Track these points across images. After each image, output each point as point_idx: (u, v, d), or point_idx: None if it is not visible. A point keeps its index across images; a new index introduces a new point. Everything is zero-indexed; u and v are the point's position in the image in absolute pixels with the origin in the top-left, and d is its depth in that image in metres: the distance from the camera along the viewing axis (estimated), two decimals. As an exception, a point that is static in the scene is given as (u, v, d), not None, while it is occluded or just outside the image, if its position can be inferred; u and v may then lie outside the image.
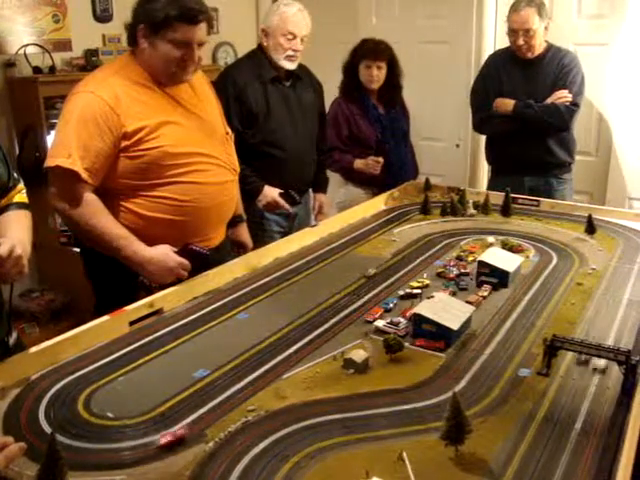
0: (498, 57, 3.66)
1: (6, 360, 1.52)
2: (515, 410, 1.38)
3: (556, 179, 3.55)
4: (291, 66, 3.05)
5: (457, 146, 4.67)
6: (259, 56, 3.06)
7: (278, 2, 3.08)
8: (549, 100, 3.37)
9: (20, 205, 1.85)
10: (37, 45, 4.11)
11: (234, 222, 2.55)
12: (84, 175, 2.02)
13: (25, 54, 4.05)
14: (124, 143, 2.08)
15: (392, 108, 3.60)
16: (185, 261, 2.05)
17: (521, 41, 3.38)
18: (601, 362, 1.54)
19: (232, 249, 2.58)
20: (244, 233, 2.58)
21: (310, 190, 3.36)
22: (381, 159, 3.44)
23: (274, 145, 3.00)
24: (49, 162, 2.06)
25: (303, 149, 3.17)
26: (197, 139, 2.21)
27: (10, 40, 4.06)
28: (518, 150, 3.46)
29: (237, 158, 2.42)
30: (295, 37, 2.98)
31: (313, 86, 3.26)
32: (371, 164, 3.45)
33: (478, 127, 3.73)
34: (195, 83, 2.30)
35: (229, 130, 2.46)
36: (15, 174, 1.86)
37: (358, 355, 1.56)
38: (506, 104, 3.44)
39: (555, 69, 3.43)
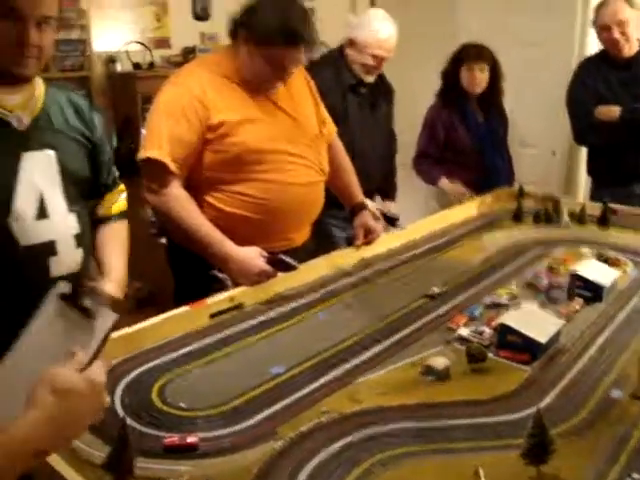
0: (591, 63, 3.48)
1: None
2: (605, 433, 1.29)
3: None
4: (371, 79, 3.01)
5: (553, 153, 4.51)
6: (340, 61, 3.01)
7: (371, 15, 3.01)
8: None
9: (119, 216, 1.91)
10: (138, 42, 4.24)
11: (356, 210, 2.49)
12: (172, 167, 2.04)
13: (127, 51, 4.18)
14: (209, 135, 2.08)
15: (491, 115, 3.50)
16: (270, 269, 2.02)
17: (617, 34, 3.20)
18: (703, 387, 1.43)
19: (350, 240, 2.51)
20: (369, 219, 2.47)
21: (378, 197, 3.29)
22: (467, 192, 3.32)
23: (348, 150, 2.95)
24: (141, 154, 2.09)
25: (376, 155, 3.13)
26: (284, 137, 2.18)
27: (114, 37, 4.20)
28: (628, 158, 3.27)
29: None
30: (383, 59, 2.94)
31: (386, 92, 3.21)
32: (457, 194, 3.33)
33: (581, 138, 3.54)
34: (291, 80, 2.25)
35: (328, 128, 2.44)
36: (116, 174, 1.91)
37: (438, 362, 1.51)
38: (611, 111, 3.26)
39: None
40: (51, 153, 1.69)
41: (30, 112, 1.67)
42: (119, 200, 1.94)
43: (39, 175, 1.66)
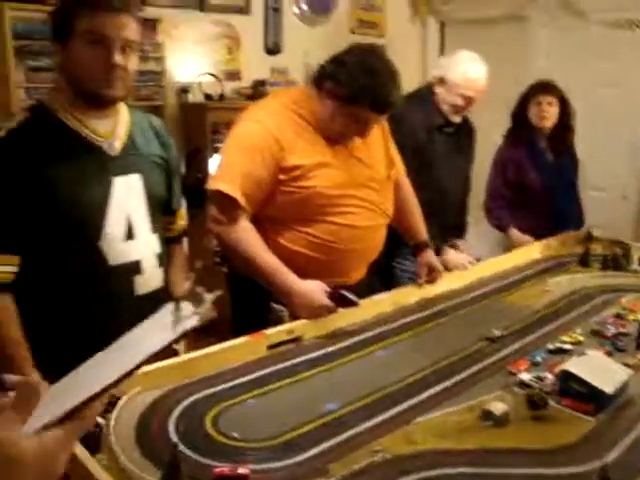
0: None
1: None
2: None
3: None
4: (457, 119, 3.00)
5: (624, 197, 4.39)
6: (429, 100, 2.99)
7: (462, 55, 2.97)
8: None
9: (184, 234, 2.15)
10: (211, 74, 4.35)
11: (420, 247, 2.47)
12: (242, 202, 2.06)
13: (199, 82, 4.30)
14: (281, 176, 2.09)
15: (562, 154, 3.43)
16: (331, 305, 2.02)
17: None
18: None
19: (414, 277, 2.48)
20: (432, 257, 2.45)
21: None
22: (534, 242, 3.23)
23: (433, 189, 2.92)
24: (211, 185, 2.12)
25: (457, 194, 3.11)
26: (353, 183, 2.18)
27: (188, 69, 4.33)
28: None
29: None
30: (472, 100, 2.93)
31: (469, 131, 3.19)
32: (525, 244, 3.21)
33: None
34: None
35: (396, 168, 2.44)
36: (181, 197, 2.06)
37: (497, 407, 1.46)
38: None
39: None
40: (138, 177, 1.83)
41: (119, 138, 1.81)
42: (184, 219, 2.13)
43: (128, 199, 1.80)
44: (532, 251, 2.91)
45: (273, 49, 4.69)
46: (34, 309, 1.74)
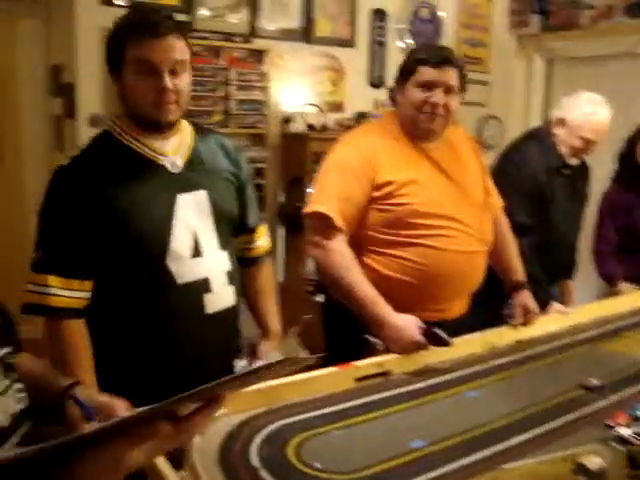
0: None
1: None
2: None
3: None
4: (575, 162, 2.93)
5: None
6: (547, 141, 2.91)
7: (585, 97, 2.88)
8: None
9: (268, 255, 2.14)
10: (314, 105, 4.42)
11: (517, 288, 2.41)
12: (339, 222, 2.09)
13: (302, 112, 4.38)
14: (375, 194, 2.12)
15: None
16: (423, 341, 1.99)
17: None
18: None
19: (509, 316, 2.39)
20: (528, 298, 2.38)
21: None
22: None
23: (548, 231, 2.85)
24: (308, 208, 2.17)
25: (572, 235, 3.03)
26: (447, 202, 2.17)
27: (291, 99, 4.42)
28: None
29: None
30: (593, 143, 2.85)
31: (586, 172, 3.10)
32: None
33: None
34: (458, 145, 2.30)
35: (495, 201, 2.42)
36: (259, 214, 2.08)
37: (593, 462, 1.39)
38: None
39: None
40: (203, 193, 1.81)
41: (182, 155, 1.82)
42: (265, 239, 2.12)
43: (193, 215, 1.79)
44: (637, 299, 2.78)
45: (377, 82, 4.73)
46: (103, 331, 1.75)
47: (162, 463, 1.21)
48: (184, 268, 1.75)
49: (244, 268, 2.03)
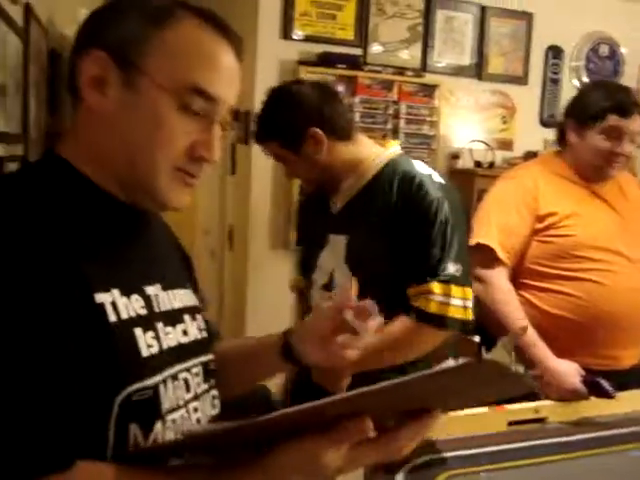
0: None
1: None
2: None
3: None
4: None
5: None
6: None
7: None
8: None
9: (431, 319, 1.75)
10: (482, 142, 4.37)
11: None
12: (501, 254, 2.06)
13: (470, 149, 4.34)
14: (537, 225, 2.08)
15: None
16: (583, 391, 1.89)
17: None
18: None
19: None
20: None
21: None
22: None
23: None
24: (469, 241, 2.14)
25: None
26: (614, 237, 2.09)
27: (460, 135, 4.40)
28: None
29: None
30: None
31: None
32: None
33: None
34: (624, 184, 2.22)
35: None
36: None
37: None
38: None
39: None
40: (343, 238, 1.79)
41: (344, 197, 1.83)
42: (434, 300, 1.72)
43: (331, 257, 1.81)
44: None
45: (548, 121, 4.59)
46: None
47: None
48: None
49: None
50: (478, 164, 4.30)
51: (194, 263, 1.30)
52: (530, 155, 4.35)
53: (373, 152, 1.87)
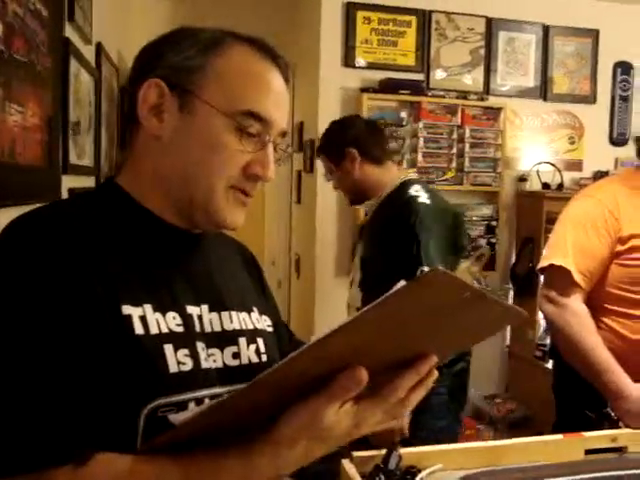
0: None
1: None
2: None
3: None
4: None
5: None
6: None
7: None
8: None
9: None
10: (549, 163, 4.30)
11: None
12: (577, 277, 1.96)
13: (537, 171, 4.27)
14: (618, 248, 1.98)
15: None
16: None
17: None
18: None
19: None
20: None
21: None
22: None
23: None
24: (542, 262, 2.08)
25: None
26: None
27: (527, 157, 4.33)
28: None
29: None
30: None
31: None
32: None
33: None
34: None
35: None
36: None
37: None
38: None
39: None
40: (361, 243, 2.54)
41: (368, 212, 2.53)
42: None
43: (357, 260, 2.53)
44: None
45: (618, 140, 4.48)
46: None
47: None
48: None
49: None
50: (546, 186, 4.22)
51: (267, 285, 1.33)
52: (600, 175, 4.25)
53: (394, 177, 2.43)
